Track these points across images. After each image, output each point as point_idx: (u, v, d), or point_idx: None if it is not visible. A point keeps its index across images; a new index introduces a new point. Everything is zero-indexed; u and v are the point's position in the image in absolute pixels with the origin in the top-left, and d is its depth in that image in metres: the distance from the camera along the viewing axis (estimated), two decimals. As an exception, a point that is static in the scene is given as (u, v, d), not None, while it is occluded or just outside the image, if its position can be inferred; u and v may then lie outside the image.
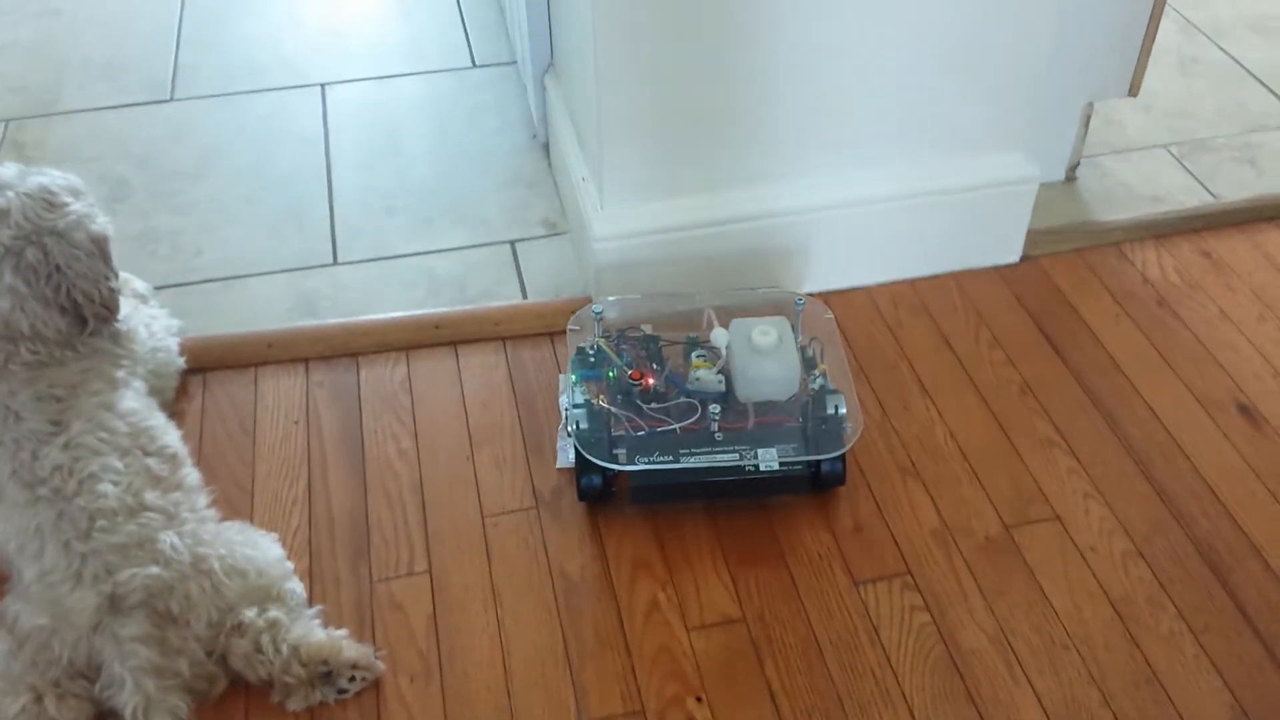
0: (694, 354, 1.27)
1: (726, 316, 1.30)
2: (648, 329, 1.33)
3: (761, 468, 1.18)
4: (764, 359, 1.23)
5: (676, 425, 1.22)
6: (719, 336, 1.27)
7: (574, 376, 1.26)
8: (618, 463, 1.19)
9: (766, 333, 1.24)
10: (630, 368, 1.26)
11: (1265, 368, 1.40)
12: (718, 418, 1.21)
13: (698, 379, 1.25)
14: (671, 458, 1.19)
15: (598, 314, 1.31)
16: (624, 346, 1.30)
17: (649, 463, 1.19)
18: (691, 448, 1.20)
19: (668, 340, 1.31)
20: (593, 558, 1.19)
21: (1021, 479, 1.26)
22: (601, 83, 1.29)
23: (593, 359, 1.28)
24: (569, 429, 1.21)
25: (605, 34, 1.25)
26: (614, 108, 1.31)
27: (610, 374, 1.26)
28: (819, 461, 1.20)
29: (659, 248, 1.41)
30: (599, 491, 1.21)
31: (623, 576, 1.17)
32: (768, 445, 1.20)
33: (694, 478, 1.19)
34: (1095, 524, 1.22)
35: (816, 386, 1.24)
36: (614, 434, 1.21)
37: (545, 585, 1.16)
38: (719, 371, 1.25)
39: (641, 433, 1.22)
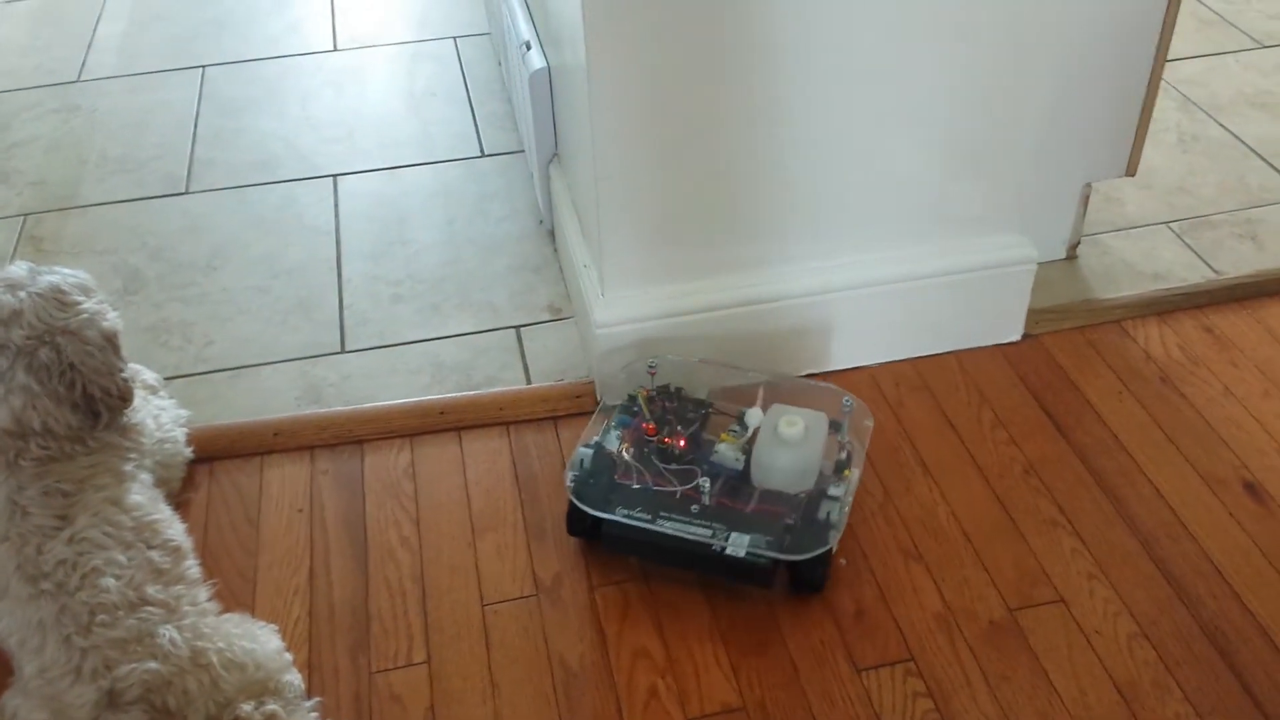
0: (728, 428, 1.30)
1: (777, 397, 1.32)
2: (704, 394, 1.37)
3: (728, 551, 1.18)
4: (782, 449, 1.25)
5: (678, 488, 1.23)
6: (753, 416, 1.29)
7: (614, 420, 1.31)
8: (607, 509, 1.22)
9: (794, 423, 1.25)
10: (649, 421, 1.29)
11: (1270, 444, 1.39)
12: (707, 490, 1.22)
13: (718, 451, 1.27)
14: (650, 516, 1.21)
15: (652, 366, 1.35)
16: (670, 404, 1.33)
17: (625, 516, 1.21)
18: (677, 513, 1.21)
19: (719, 409, 1.34)
20: (592, 645, 1.18)
21: (1025, 560, 1.26)
22: (600, 173, 1.31)
23: (635, 409, 1.33)
24: (573, 466, 1.26)
25: (602, 126, 1.28)
26: (612, 197, 1.33)
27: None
28: (794, 561, 1.19)
29: (661, 332, 1.43)
30: (584, 528, 1.26)
31: (622, 664, 1.16)
32: (748, 531, 1.19)
33: (664, 541, 1.20)
34: (1100, 606, 1.20)
35: (825, 489, 1.24)
36: (617, 479, 1.24)
37: (544, 674, 1.16)
38: (741, 449, 1.27)
39: (638, 486, 1.24)
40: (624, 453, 1.28)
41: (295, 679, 1.12)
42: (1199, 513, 1.30)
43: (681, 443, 1.28)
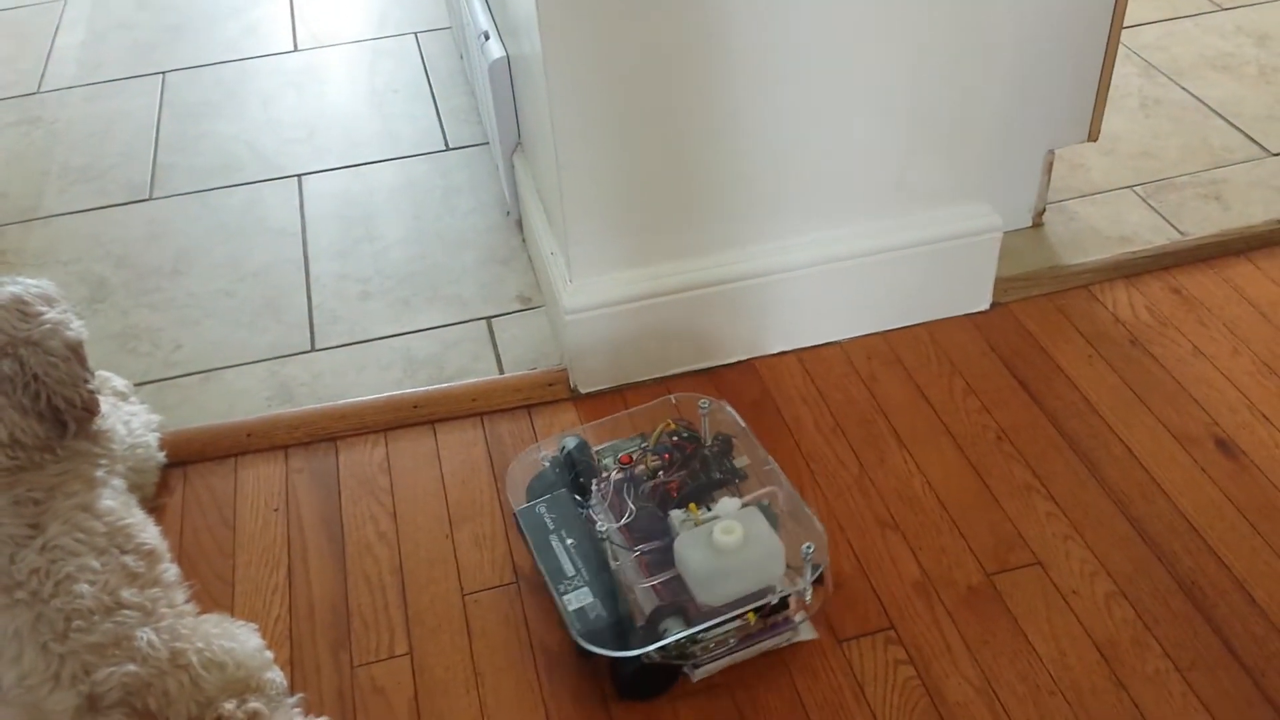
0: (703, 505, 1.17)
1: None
2: (763, 459, 1.24)
3: (565, 597, 1.11)
4: (703, 552, 1.10)
5: (600, 521, 1.17)
6: (723, 506, 1.16)
7: (643, 439, 1.25)
8: (535, 495, 1.22)
9: (730, 531, 1.10)
10: (649, 452, 1.22)
11: (1241, 401, 1.40)
12: (614, 538, 1.16)
13: (670, 515, 1.16)
14: (554, 523, 1.18)
15: (704, 406, 1.27)
16: (690, 448, 1.22)
17: (542, 509, 1.20)
18: (577, 538, 1.16)
19: (739, 482, 1.22)
20: (574, 630, 1.18)
21: (1001, 526, 1.26)
22: (561, 160, 1.31)
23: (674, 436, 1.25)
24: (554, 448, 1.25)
25: (561, 113, 1.27)
26: (575, 184, 1.33)
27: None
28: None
29: (630, 317, 1.43)
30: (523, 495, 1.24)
31: (605, 647, 1.16)
32: (609, 599, 1.11)
33: (541, 549, 1.17)
34: (1077, 567, 1.21)
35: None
36: (579, 479, 1.22)
37: (526, 661, 1.16)
38: (689, 527, 1.14)
39: (575, 497, 1.21)
40: (606, 461, 1.23)
41: (277, 676, 1.11)
42: (1172, 471, 1.31)
43: (673, 485, 1.19)
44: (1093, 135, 1.65)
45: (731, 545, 1.09)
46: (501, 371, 1.51)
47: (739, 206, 1.41)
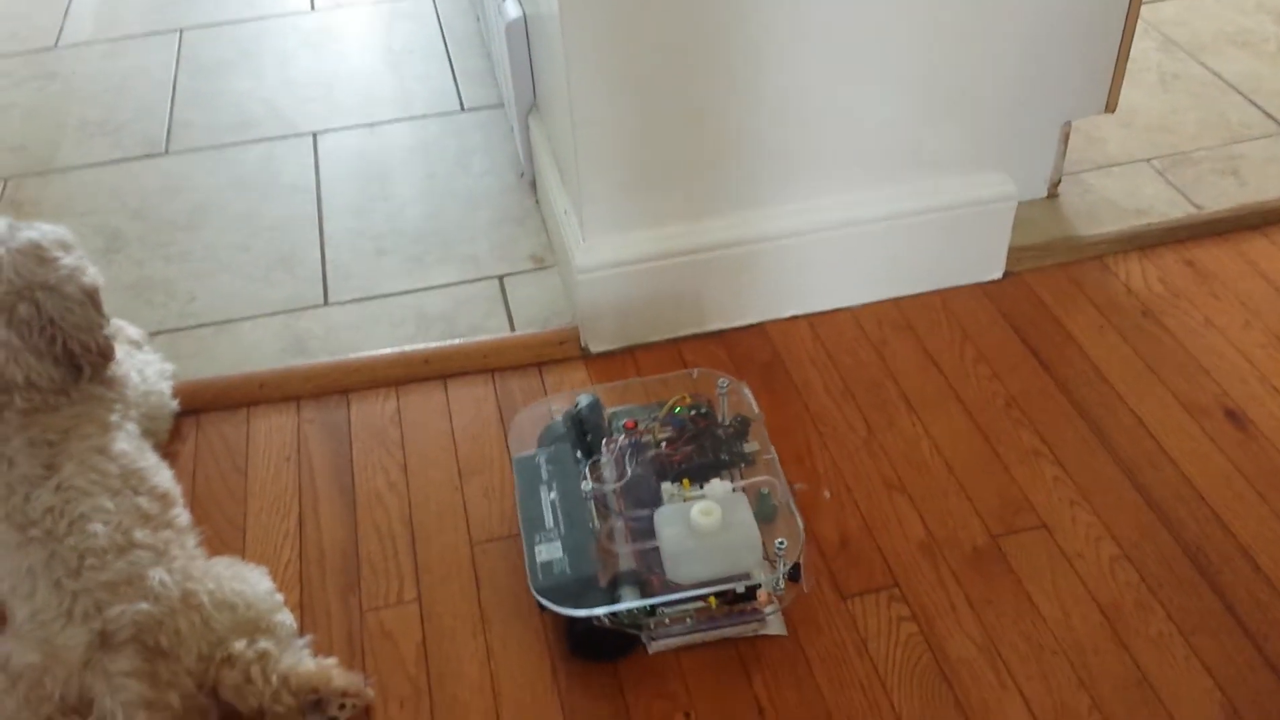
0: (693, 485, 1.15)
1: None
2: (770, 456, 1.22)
3: (537, 547, 1.12)
4: (681, 533, 1.10)
5: (588, 481, 1.17)
6: (712, 488, 1.14)
7: (663, 408, 1.23)
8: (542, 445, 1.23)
9: (709, 512, 1.10)
10: (653, 421, 1.21)
11: (1252, 372, 1.40)
12: (607, 490, 1.17)
13: (663, 488, 1.15)
14: (549, 474, 1.19)
15: (722, 386, 1.26)
16: (706, 424, 1.21)
17: (542, 458, 1.20)
18: (568, 489, 1.16)
19: (748, 467, 1.20)
20: (581, 582, 1.19)
21: (1008, 489, 1.27)
22: (577, 119, 1.31)
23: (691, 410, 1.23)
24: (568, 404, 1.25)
25: (578, 71, 1.27)
26: (590, 142, 1.33)
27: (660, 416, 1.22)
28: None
29: (642, 277, 1.43)
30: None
31: (611, 599, 1.17)
32: (581, 555, 1.11)
33: (525, 497, 1.18)
34: (1082, 531, 1.22)
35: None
36: (585, 435, 1.22)
37: (533, 610, 1.17)
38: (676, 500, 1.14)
39: (578, 452, 1.22)
40: (618, 424, 1.22)
41: (287, 618, 1.12)
42: (1180, 440, 1.32)
43: (677, 459, 1.18)
44: (1110, 107, 1.64)
45: (707, 527, 1.08)
46: (513, 330, 1.52)
47: (753, 169, 1.41)
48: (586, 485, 1.17)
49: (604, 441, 1.22)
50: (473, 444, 1.35)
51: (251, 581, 1.13)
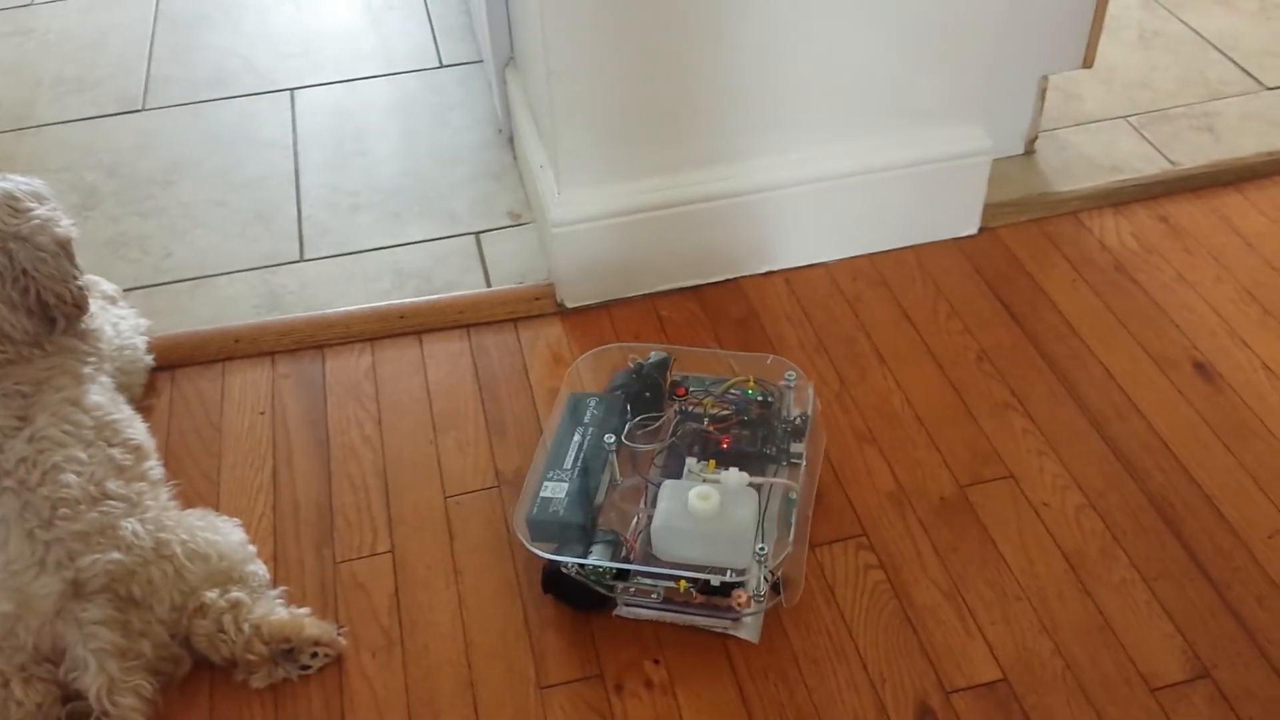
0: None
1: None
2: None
3: (543, 494, 1.13)
4: (678, 518, 1.08)
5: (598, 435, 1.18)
6: (729, 477, 1.12)
7: (730, 384, 1.23)
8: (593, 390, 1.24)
9: (706, 497, 1.08)
10: (708, 397, 1.21)
11: (1221, 326, 1.41)
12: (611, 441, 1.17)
13: (687, 464, 1.15)
14: (575, 421, 1.20)
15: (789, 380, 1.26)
16: (764, 413, 1.21)
17: (591, 402, 1.22)
18: (591, 432, 1.18)
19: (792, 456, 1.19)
20: (553, 532, 1.20)
21: (977, 441, 1.28)
22: (551, 69, 1.31)
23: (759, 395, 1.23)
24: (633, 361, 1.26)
25: (552, 20, 1.27)
26: (565, 94, 1.33)
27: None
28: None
29: (617, 231, 1.43)
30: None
31: (582, 549, 1.18)
32: (580, 507, 1.12)
33: (557, 440, 1.20)
34: (1049, 481, 1.23)
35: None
36: (645, 393, 1.22)
37: (506, 560, 1.18)
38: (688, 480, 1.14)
39: (625, 408, 1.22)
40: (674, 393, 1.22)
41: (260, 569, 1.13)
42: (1149, 392, 1.33)
43: (722, 438, 1.17)
44: (1087, 62, 1.64)
45: (700, 511, 1.07)
46: (489, 285, 1.52)
47: (730, 121, 1.41)
48: (610, 439, 1.17)
49: (664, 402, 1.22)
50: (447, 398, 1.36)
51: (224, 532, 1.13)
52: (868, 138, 1.47)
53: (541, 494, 1.12)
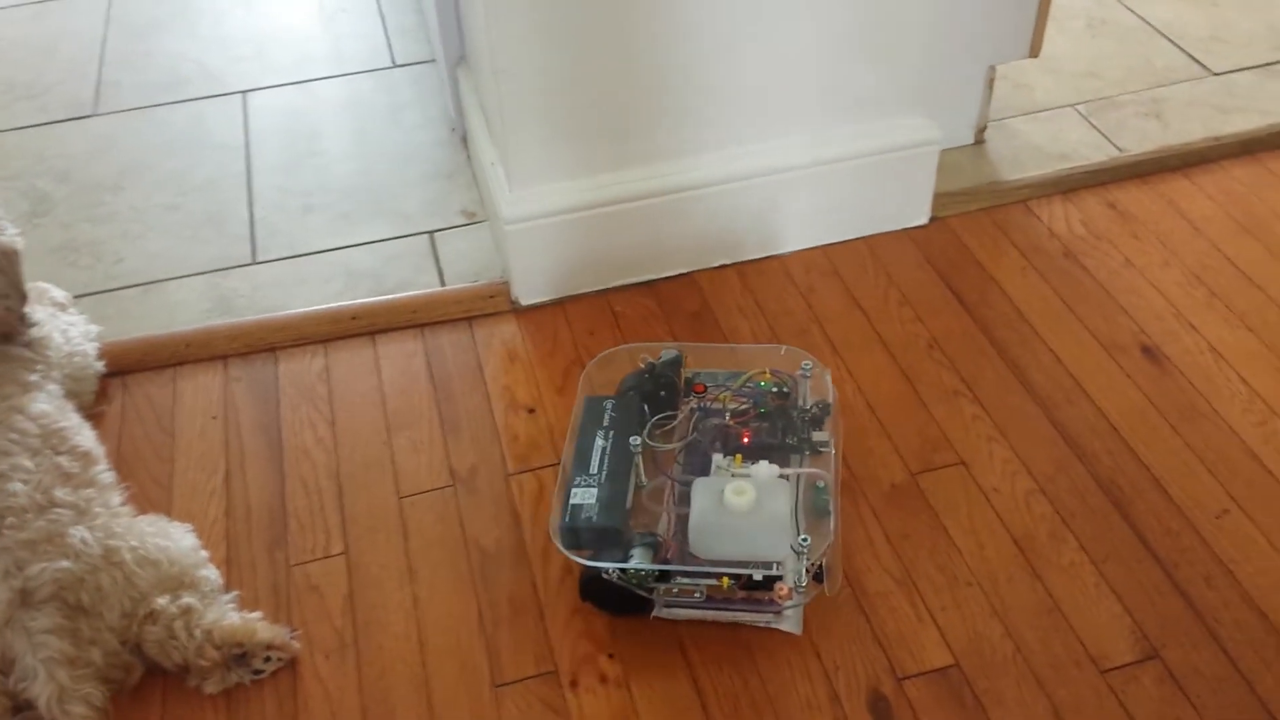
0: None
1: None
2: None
3: (572, 491, 1.12)
4: (713, 513, 1.07)
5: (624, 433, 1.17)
6: (760, 469, 1.11)
7: (744, 379, 1.23)
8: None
9: (742, 492, 1.07)
10: (720, 391, 1.21)
11: (1168, 309, 1.43)
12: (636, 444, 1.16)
13: (714, 459, 1.15)
14: (599, 413, 1.19)
15: (805, 369, 1.26)
16: (785, 403, 1.21)
17: (613, 400, 1.21)
18: (617, 429, 1.17)
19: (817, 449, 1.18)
20: (508, 529, 1.20)
21: (928, 428, 1.29)
22: (498, 66, 1.31)
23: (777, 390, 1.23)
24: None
25: (497, 17, 1.27)
26: (513, 91, 1.33)
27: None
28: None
29: (570, 227, 1.43)
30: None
31: (537, 544, 1.19)
32: (610, 503, 1.11)
33: (580, 436, 1.18)
34: (999, 466, 1.24)
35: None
36: (660, 392, 1.22)
37: (461, 559, 1.18)
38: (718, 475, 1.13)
39: (644, 403, 1.21)
40: (693, 390, 1.22)
41: (212, 573, 1.13)
42: (1097, 376, 1.34)
43: (743, 432, 1.17)
44: (1034, 51, 1.66)
45: (737, 507, 1.06)
46: (444, 285, 1.52)
47: (679, 116, 1.41)
48: (635, 441, 1.16)
49: (679, 400, 1.22)
50: (401, 398, 1.36)
51: (175, 538, 1.13)
52: (816, 130, 1.48)
53: (571, 500, 1.11)
